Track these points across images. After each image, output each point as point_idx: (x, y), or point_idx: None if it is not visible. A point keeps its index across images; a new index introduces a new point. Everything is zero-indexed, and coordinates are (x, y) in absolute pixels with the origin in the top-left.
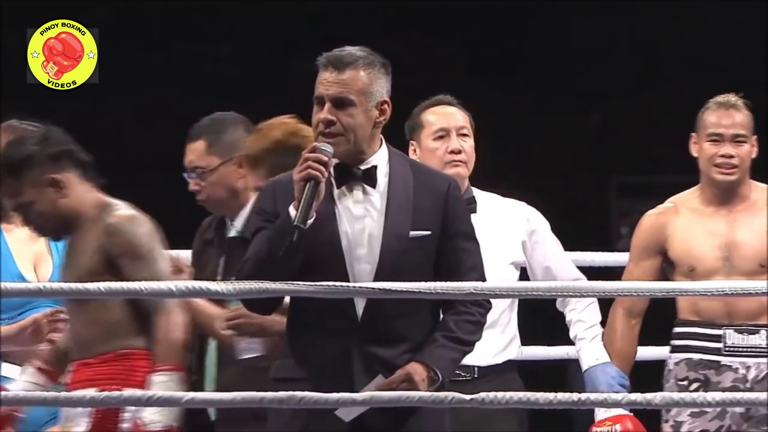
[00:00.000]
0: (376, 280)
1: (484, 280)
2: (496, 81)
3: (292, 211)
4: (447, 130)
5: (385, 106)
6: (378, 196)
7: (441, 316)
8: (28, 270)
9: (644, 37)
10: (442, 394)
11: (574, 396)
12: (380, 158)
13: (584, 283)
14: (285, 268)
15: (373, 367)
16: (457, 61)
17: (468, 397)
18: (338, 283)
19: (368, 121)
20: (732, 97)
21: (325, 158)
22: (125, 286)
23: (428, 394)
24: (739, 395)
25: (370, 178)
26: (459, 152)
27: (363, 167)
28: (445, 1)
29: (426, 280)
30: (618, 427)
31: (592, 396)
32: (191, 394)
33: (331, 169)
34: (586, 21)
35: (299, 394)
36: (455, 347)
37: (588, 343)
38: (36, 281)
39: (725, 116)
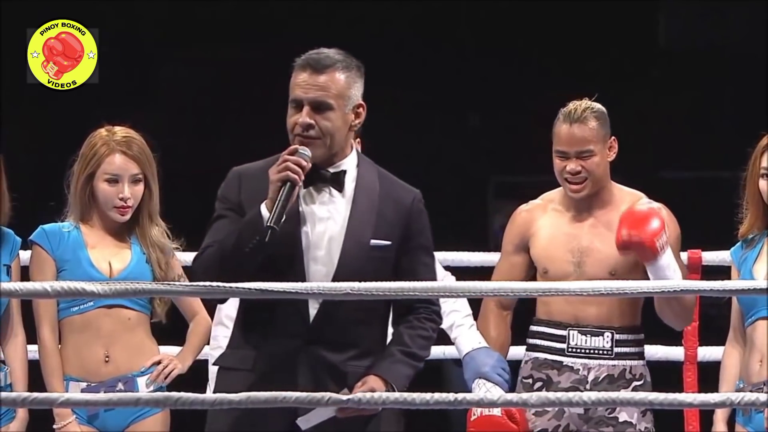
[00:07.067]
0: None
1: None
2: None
3: (264, 210)
4: None
5: (361, 109)
6: (343, 200)
7: (391, 327)
8: None
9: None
10: (318, 395)
11: (451, 396)
12: (350, 163)
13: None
14: (248, 263)
15: (318, 369)
16: None
17: (345, 397)
18: (289, 284)
19: (344, 124)
20: (579, 108)
21: (304, 162)
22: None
23: (304, 394)
24: (605, 395)
25: (337, 181)
26: None
27: (332, 170)
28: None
29: None
30: (497, 410)
31: (468, 396)
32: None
33: None
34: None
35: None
36: (410, 362)
37: (467, 330)
38: None
39: (570, 133)
